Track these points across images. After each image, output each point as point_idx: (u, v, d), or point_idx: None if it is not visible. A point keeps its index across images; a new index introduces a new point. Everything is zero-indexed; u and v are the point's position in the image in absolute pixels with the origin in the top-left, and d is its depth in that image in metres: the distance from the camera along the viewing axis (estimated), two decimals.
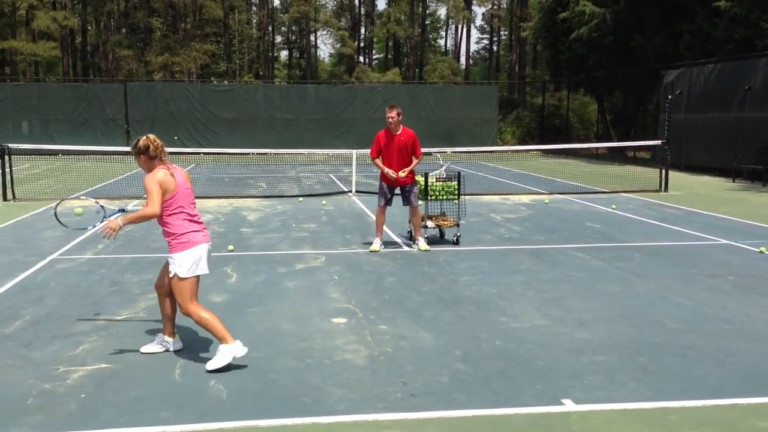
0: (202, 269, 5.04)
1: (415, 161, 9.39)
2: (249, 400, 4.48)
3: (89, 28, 49.25)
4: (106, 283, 7.60)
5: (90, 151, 26.10)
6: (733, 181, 19.17)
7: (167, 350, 5.35)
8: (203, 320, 5.03)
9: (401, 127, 9.31)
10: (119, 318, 6.28)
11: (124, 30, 47.99)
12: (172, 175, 4.99)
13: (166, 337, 5.37)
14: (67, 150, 26.33)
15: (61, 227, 6.87)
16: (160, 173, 4.96)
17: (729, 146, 20.42)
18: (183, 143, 30.23)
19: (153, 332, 5.81)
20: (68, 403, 4.44)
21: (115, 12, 46.81)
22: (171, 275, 5.01)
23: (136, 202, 14.40)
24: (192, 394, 4.58)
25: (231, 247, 9.48)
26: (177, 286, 5.00)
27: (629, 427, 4.10)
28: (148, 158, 5.01)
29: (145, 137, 5.07)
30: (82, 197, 10.31)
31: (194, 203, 5.18)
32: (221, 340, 4.98)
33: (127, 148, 26.42)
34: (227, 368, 4.93)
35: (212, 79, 46.11)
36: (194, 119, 31.47)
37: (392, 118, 9.19)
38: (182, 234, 4.99)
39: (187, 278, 4.97)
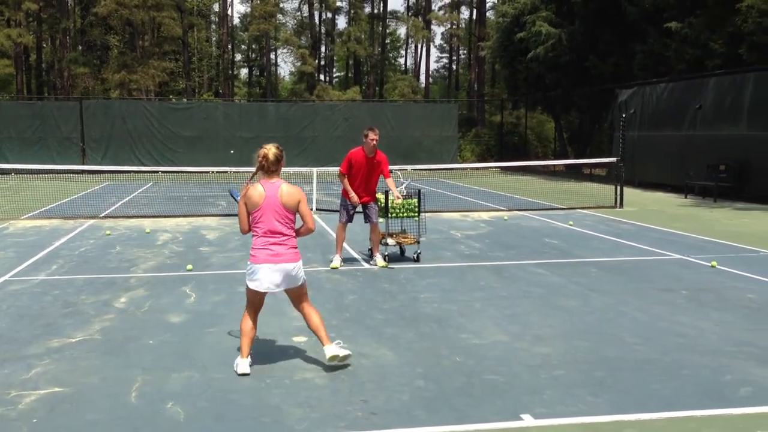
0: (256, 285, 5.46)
1: (391, 182, 9.58)
2: (207, 422, 4.42)
3: (44, 45, 48.46)
4: (59, 304, 7.44)
5: (44, 170, 25.62)
6: (685, 197, 19.63)
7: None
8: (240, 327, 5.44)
9: (376, 149, 9.39)
10: (73, 340, 6.15)
11: (80, 47, 47.29)
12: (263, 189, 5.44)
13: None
14: (20, 168, 25.88)
15: (13, 249, 6.63)
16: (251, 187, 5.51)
17: (681, 163, 20.93)
18: (141, 162, 29.89)
19: (109, 353, 5.70)
20: (20, 428, 4.32)
21: (71, 29, 46.07)
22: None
23: (91, 222, 14.16)
24: (149, 417, 4.50)
25: (190, 267, 9.37)
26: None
27: None
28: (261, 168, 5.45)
29: (276, 146, 5.62)
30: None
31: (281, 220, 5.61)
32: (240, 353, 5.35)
33: (83, 167, 26.11)
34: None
35: (171, 97, 45.67)
36: (152, 137, 31.09)
37: (375, 140, 9.23)
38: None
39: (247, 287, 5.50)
